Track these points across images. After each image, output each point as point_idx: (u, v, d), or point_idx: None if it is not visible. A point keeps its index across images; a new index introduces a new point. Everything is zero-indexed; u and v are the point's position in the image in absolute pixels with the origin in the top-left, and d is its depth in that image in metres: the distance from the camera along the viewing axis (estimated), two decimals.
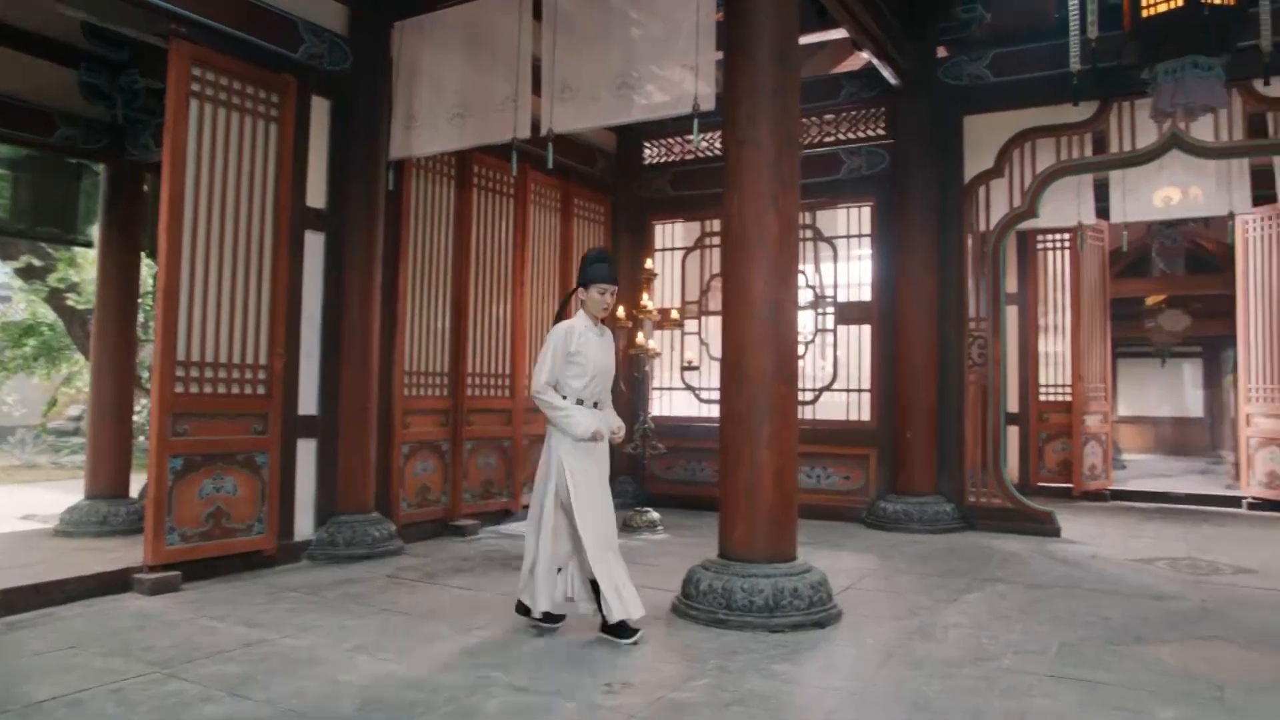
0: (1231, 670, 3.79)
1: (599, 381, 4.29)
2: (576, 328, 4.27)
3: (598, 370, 4.26)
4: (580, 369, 4.23)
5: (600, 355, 4.29)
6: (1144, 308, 12.24)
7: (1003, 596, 5.06)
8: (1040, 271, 9.98)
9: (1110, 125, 7.26)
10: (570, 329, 4.26)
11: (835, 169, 8.12)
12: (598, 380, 4.28)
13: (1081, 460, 9.41)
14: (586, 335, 4.26)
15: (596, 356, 4.26)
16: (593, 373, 4.24)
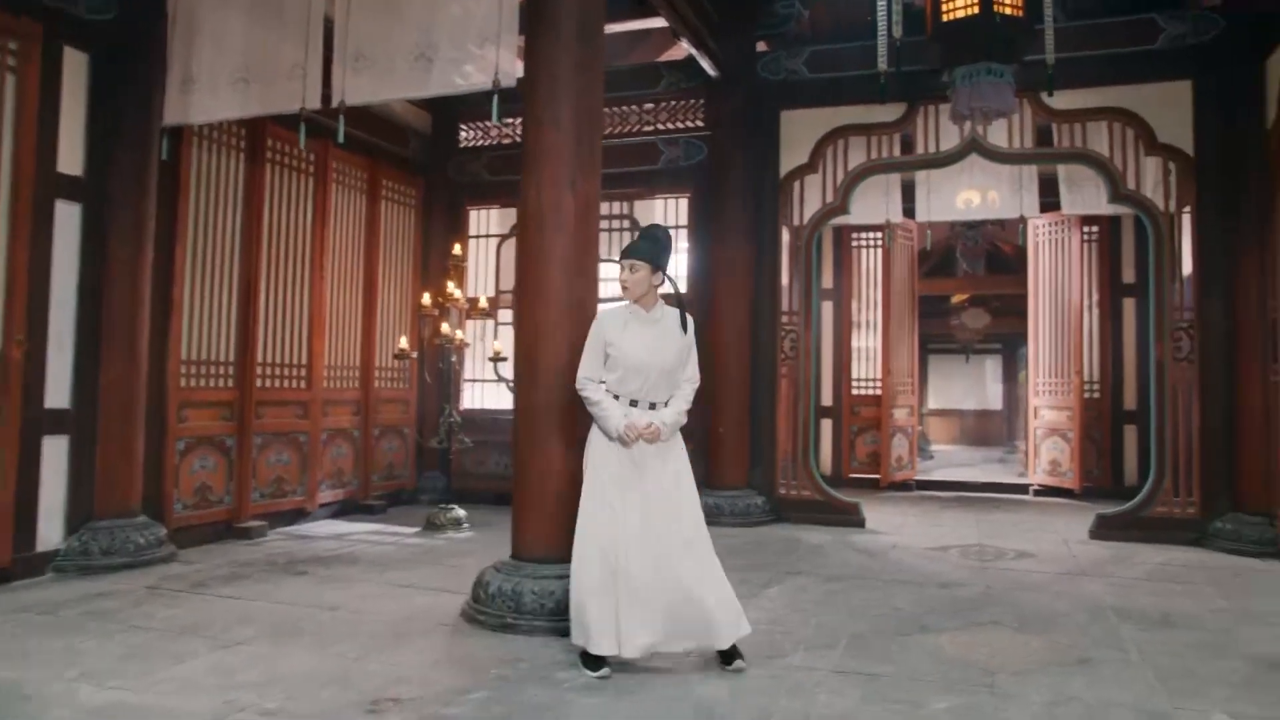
0: (1004, 655, 3.88)
1: (643, 379, 3.68)
2: (614, 318, 3.75)
3: (639, 365, 3.67)
4: (613, 362, 3.71)
5: (643, 349, 3.68)
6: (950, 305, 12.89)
7: (802, 590, 5.06)
8: (855, 268, 10.26)
9: (917, 127, 7.48)
10: (604, 319, 3.78)
11: (653, 159, 8.02)
12: (641, 377, 3.67)
13: (889, 452, 9.75)
14: (630, 324, 3.73)
15: (635, 349, 3.67)
16: (630, 367, 3.67)
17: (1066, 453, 9.24)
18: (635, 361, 3.68)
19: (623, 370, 3.70)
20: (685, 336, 3.80)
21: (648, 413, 3.71)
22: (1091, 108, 7.07)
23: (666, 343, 3.76)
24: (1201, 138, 6.84)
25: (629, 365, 3.69)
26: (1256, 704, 3.34)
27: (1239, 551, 6.27)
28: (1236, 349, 6.59)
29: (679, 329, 3.79)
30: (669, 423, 3.71)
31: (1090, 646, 4.02)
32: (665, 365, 3.73)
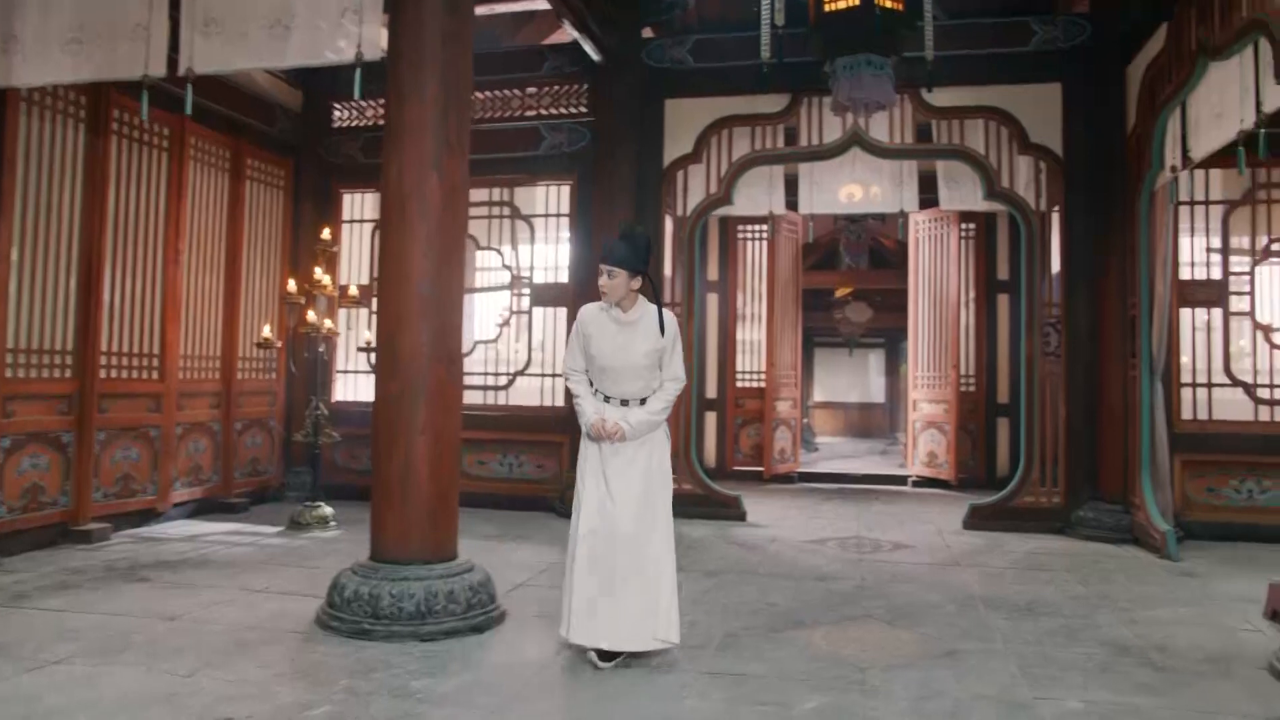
0: (876, 650, 3.85)
1: (613, 377, 3.72)
2: (590, 314, 3.79)
3: (607, 364, 3.71)
4: (589, 359, 3.77)
5: (612, 348, 3.69)
6: (834, 299, 13.08)
7: (679, 586, 4.93)
8: (740, 260, 10.26)
9: (801, 119, 7.47)
10: (582, 314, 3.82)
11: (535, 144, 7.79)
12: (610, 376, 3.72)
13: (773, 444, 9.78)
14: (601, 323, 3.73)
15: (604, 348, 3.70)
16: (599, 365, 3.72)
17: (943, 445, 9.46)
18: (604, 360, 3.72)
19: (595, 367, 3.76)
20: (664, 337, 3.75)
21: (621, 410, 3.72)
22: (969, 106, 7.19)
23: (636, 343, 3.71)
24: (1070, 139, 7.04)
25: (599, 363, 3.74)
26: (1109, 690, 3.40)
27: (1099, 538, 6.49)
28: (1099, 345, 6.81)
29: (657, 329, 3.74)
30: (633, 423, 3.68)
31: (958, 638, 4.04)
32: (634, 365, 3.71)
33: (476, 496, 7.49)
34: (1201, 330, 7.02)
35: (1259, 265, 7.07)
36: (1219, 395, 6.93)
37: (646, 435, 3.75)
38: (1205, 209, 7.13)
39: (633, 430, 3.68)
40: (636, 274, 3.71)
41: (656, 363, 3.76)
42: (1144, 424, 6.39)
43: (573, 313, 7.55)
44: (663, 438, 3.86)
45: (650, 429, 3.76)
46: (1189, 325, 7.00)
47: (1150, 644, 4.01)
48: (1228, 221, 7.10)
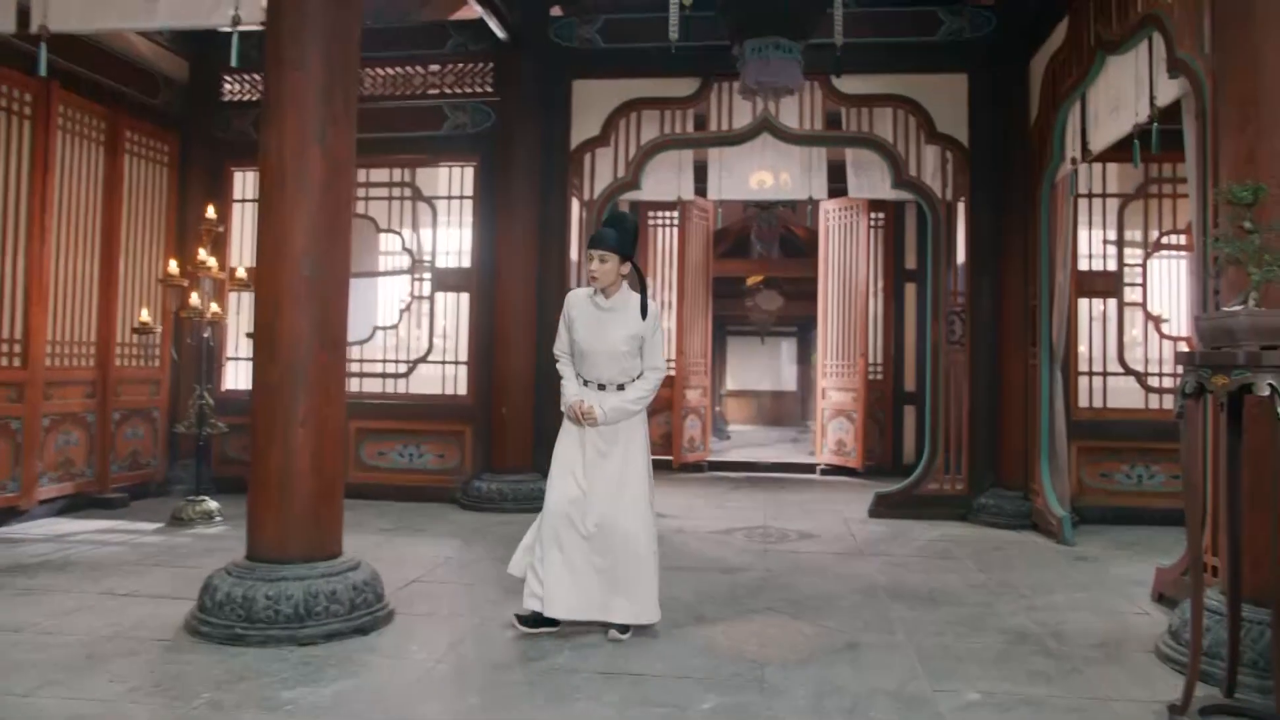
0: (777, 645, 3.76)
1: (591, 362, 3.84)
2: (575, 298, 3.94)
3: (585, 349, 3.83)
4: (573, 343, 3.89)
5: (589, 334, 3.81)
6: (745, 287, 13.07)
7: None
8: (650, 247, 10.13)
9: (711, 104, 7.37)
10: (569, 298, 3.97)
11: (438, 124, 7.49)
12: (589, 360, 3.84)
13: (682, 433, 9.70)
14: (584, 308, 3.87)
15: (583, 333, 3.82)
16: (579, 351, 3.86)
17: (851, 433, 9.51)
18: (584, 344, 3.83)
19: (577, 352, 3.88)
20: (644, 323, 3.83)
21: (598, 395, 3.82)
22: (878, 94, 7.19)
23: (615, 329, 3.81)
24: (975, 130, 7.10)
25: (580, 347, 3.86)
26: (1007, 679, 3.37)
27: (999, 525, 6.57)
28: (1002, 334, 6.90)
29: (639, 316, 3.83)
30: (608, 408, 3.79)
31: (860, 630, 3.98)
32: (612, 350, 3.80)
33: (374, 489, 7.23)
34: (1098, 320, 7.16)
35: (1151, 258, 7.25)
36: (1113, 384, 7.09)
37: (623, 423, 3.83)
38: (1103, 202, 7.27)
39: (605, 416, 3.77)
40: (625, 259, 3.84)
41: (636, 349, 3.83)
42: (1043, 412, 6.48)
43: (478, 298, 7.35)
44: (641, 425, 3.92)
45: (625, 416, 3.82)
46: (1086, 315, 7.14)
47: (1047, 630, 4.02)
48: (1123, 214, 7.25)
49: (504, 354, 7.15)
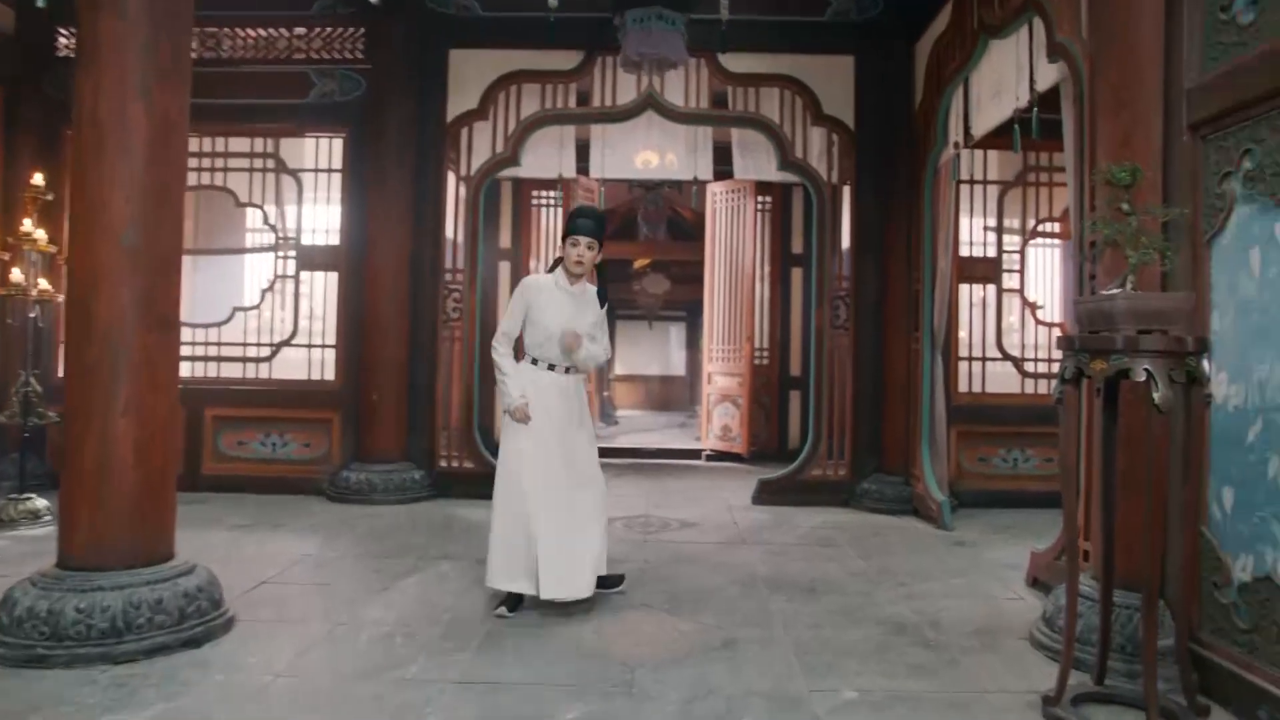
0: (650, 644, 3.56)
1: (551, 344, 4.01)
2: (539, 284, 4.06)
3: (557, 332, 3.98)
4: (535, 328, 4.01)
5: (563, 317, 3.98)
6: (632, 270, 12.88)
7: (444, 578, 4.50)
8: (534, 227, 9.81)
9: (594, 79, 7.10)
10: (530, 284, 4.07)
11: (304, 92, 6.99)
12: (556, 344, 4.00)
13: None
14: (552, 293, 4.02)
15: (556, 317, 3.98)
16: (551, 335, 3.99)
17: (737, 418, 9.43)
18: (551, 328, 3.97)
19: (544, 336, 3.98)
20: (600, 310, 4.16)
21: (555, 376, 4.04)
22: (765, 74, 7.06)
23: (585, 314, 4.07)
24: (861, 112, 7.04)
25: (548, 331, 3.97)
26: (884, 674, 3.27)
27: (882, 510, 6.56)
28: (885, 318, 6.87)
29: (596, 303, 4.14)
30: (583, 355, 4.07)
31: (738, 625, 3.82)
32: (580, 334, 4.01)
33: (234, 481, 6.75)
34: (978, 306, 7.24)
35: (1029, 245, 7.36)
36: (991, 369, 7.18)
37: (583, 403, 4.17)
38: (984, 188, 7.34)
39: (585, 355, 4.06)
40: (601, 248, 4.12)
41: (593, 334, 4.10)
42: (925, 397, 6.49)
43: (347, 278, 6.91)
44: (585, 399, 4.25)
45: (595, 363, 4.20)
46: (967, 301, 7.20)
47: (925, 619, 3.95)
48: (1002, 202, 7.33)
49: (375, 337, 6.75)
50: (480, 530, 5.62)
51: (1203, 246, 3.26)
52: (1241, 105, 3.08)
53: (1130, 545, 3.27)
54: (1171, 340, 2.68)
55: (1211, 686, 3.10)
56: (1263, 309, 2.99)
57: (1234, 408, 3.13)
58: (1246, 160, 3.07)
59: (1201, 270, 3.27)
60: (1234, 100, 3.11)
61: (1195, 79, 3.33)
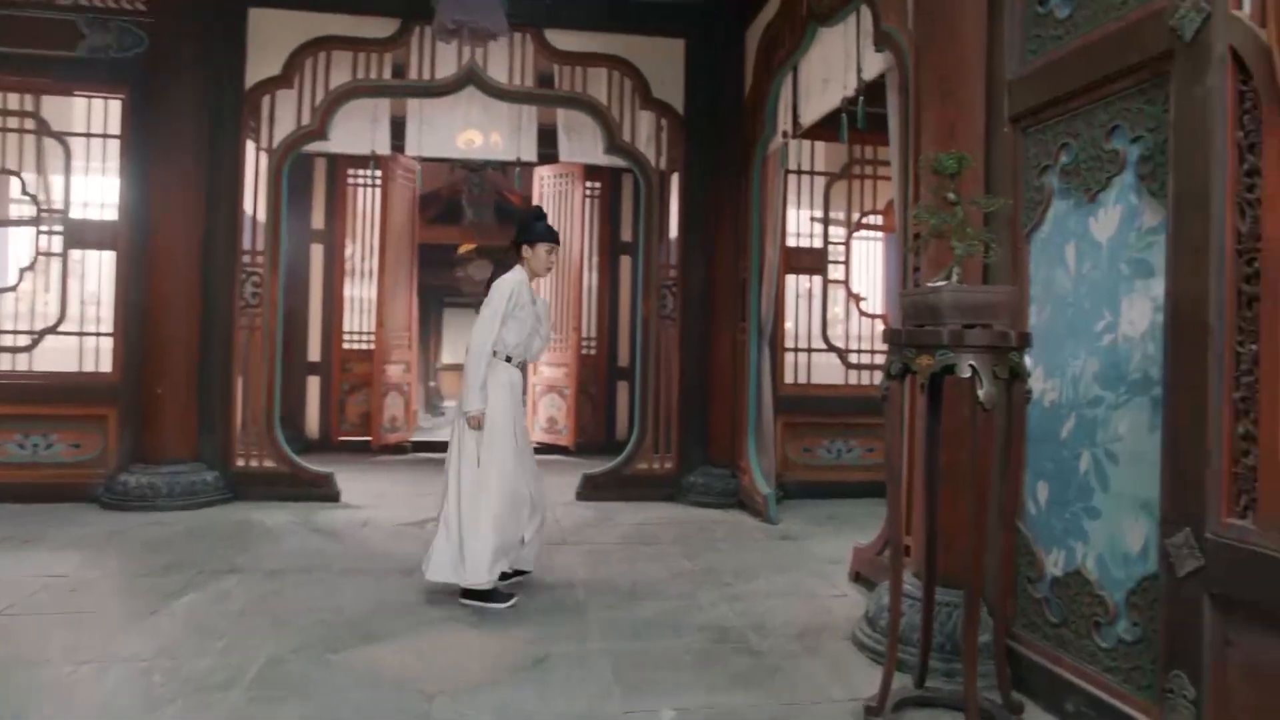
0: (454, 666, 3.22)
1: (531, 344, 4.25)
2: (520, 282, 4.12)
3: (533, 332, 4.22)
4: (519, 324, 4.13)
5: (536, 318, 4.23)
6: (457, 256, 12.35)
7: (226, 596, 3.98)
8: (350, 208, 9.15)
9: (412, 50, 6.61)
10: (516, 285, 4.09)
11: (71, 43, 6.15)
12: (529, 344, 4.24)
13: (382, 412, 8.88)
14: (528, 295, 4.17)
15: (532, 318, 4.19)
16: (530, 332, 4.20)
17: (563, 410, 9.16)
18: (530, 327, 4.19)
19: (524, 334, 4.17)
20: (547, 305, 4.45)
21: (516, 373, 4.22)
22: (593, 53, 6.79)
23: (543, 309, 4.31)
24: (691, 97, 6.89)
25: (530, 331, 4.20)
26: (705, 688, 3.08)
27: (708, 504, 6.46)
28: (712, 308, 6.76)
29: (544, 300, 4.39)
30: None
31: (552, 638, 3.54)
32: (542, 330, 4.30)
33: None
34: (804, 297, 7.25)
35: (854, 237, 7.44)
36: (817, 359, 7.21)
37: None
38: (811, 179, 7.34)
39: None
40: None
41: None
42: (751, 388, 6.42)
43: (127, 257, 6.18)
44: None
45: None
46: (794, 292, 7.20)
47: (749, 623, 3.80)
48: (829, 193, 7.37)
49: (161, 324, 6.03)
50: (274, 536, 5.13)
51: (1022, 240, 3.23)
52: (1059, 99, 3.05)
53: (951, 542, 3.21)
54: (996, 335, 2.59)
55: (1025, 681, 3.09)
56: (1077, 304, 2.97)
57: (1049, 403, 3.11)
58: (1064, 154, 3.04)
59: (1021, 264, 3.24)
60: (1052, 94, 3.08)
61: (1016, 71, 3.29)
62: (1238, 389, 2.31)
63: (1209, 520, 2.36)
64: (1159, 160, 2.61)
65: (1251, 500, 2.28)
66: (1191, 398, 2.41)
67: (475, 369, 3.98)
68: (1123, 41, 2.72)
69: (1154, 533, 2.59)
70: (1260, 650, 2.24)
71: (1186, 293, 2.44)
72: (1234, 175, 2.32)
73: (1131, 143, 2.73)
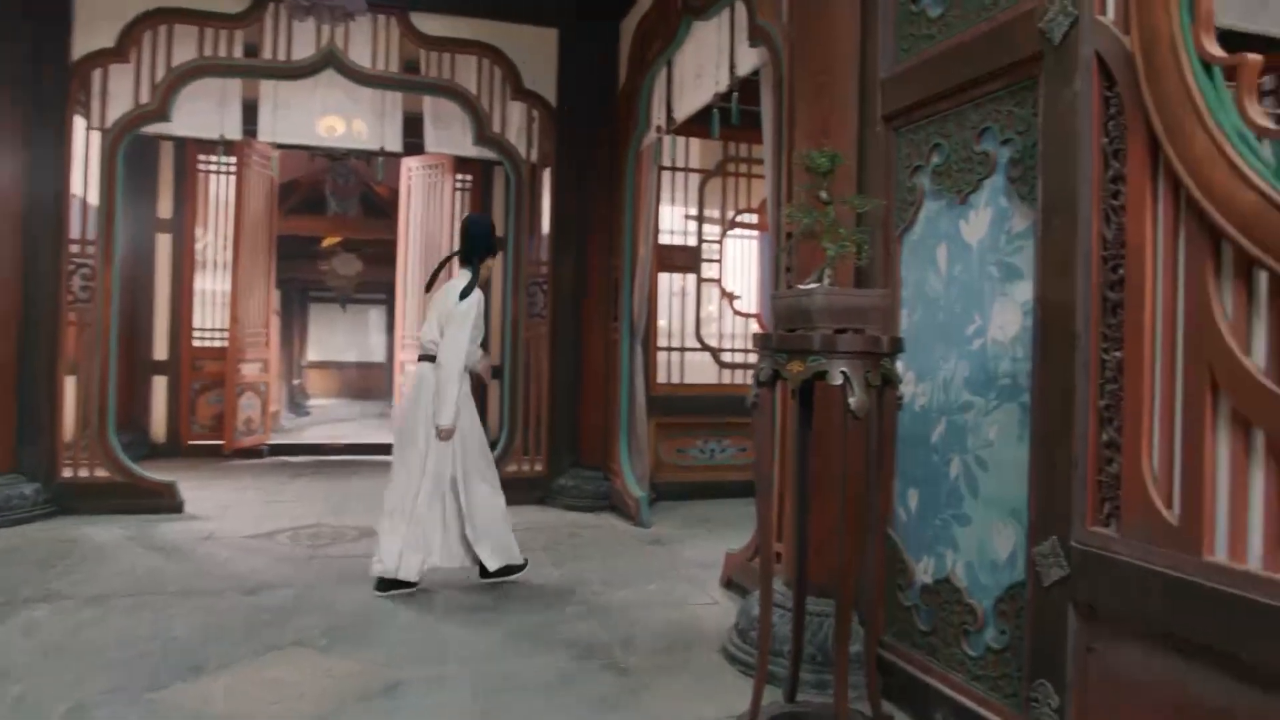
0: (296, 698, 2.94)
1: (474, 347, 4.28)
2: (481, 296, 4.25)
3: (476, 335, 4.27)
4: (479, 332, 4.23)
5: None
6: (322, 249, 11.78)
7: (33, 628, 3.55)
8: (202, 196, 8.54)
9: (266, 27, 6.17)
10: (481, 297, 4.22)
11: None
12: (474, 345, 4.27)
13: (237, 413, 8.32)
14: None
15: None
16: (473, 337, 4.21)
17: None
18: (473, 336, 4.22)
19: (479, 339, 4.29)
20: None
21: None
22: (462, 39, 6.50)
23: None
24: (564, 89, 6.68)
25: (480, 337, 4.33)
26: (567, 712, 2.90)
27: (579, 507, 6.28)
28: (584, 307, 6.59)
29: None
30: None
31: (407, 661, 3.29)
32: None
33: None
34: (677, 295, 7.16)
35: (728, 235, 7.39)
36: (690, 359, 7.13)
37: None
38: (685, 176, 7.26)
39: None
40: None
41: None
42: (624, 388, 6.29)
43: None
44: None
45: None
46: (667, 290, 7.10)
47: (617, 637, 3.65)
48: (703, 190, 7.30)
49: None
50: (103, 555, 4.67)
51: (895, 241, 3.17)
52: (931, 99, 3.00)
53: (823, 550, 3.13)
54: (868, 340, 2.50)
55: (895, 691, 3.04)
56: (948, 307, 2.93)
57: (920, 407, 3.07)
58: (935, 155, 3.00)
59: (893, 265, 3.19)
60: (924, 94, 3.03)
61: (890, 69, 3.23)
62: (1103, 397, 2.28)
63: (1074, 528, 2.33)
64: (1029, 164, 2.57)
65: (1115, 508, 2.25)
66: (1059, 405, 2.38)
67: (454, 383, 4.06)
68: (993, 42, 2.68)
69: (1023, 540, 2.56)
70: (1120, 658, 2.22)
71: (1054, 299, 2.40)
72: (1100, 181, 2.30)
73: (1002, 145, 2.69)
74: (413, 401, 4.24)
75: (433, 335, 4.20)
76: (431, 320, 4.22)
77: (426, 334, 4.25)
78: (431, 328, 4.21)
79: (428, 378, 4.16)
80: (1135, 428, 2.19)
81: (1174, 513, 2.08)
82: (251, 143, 7.88)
